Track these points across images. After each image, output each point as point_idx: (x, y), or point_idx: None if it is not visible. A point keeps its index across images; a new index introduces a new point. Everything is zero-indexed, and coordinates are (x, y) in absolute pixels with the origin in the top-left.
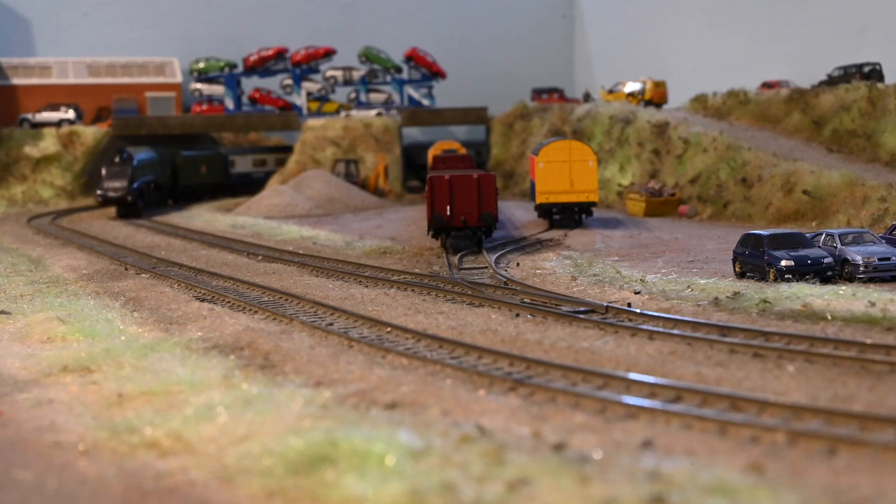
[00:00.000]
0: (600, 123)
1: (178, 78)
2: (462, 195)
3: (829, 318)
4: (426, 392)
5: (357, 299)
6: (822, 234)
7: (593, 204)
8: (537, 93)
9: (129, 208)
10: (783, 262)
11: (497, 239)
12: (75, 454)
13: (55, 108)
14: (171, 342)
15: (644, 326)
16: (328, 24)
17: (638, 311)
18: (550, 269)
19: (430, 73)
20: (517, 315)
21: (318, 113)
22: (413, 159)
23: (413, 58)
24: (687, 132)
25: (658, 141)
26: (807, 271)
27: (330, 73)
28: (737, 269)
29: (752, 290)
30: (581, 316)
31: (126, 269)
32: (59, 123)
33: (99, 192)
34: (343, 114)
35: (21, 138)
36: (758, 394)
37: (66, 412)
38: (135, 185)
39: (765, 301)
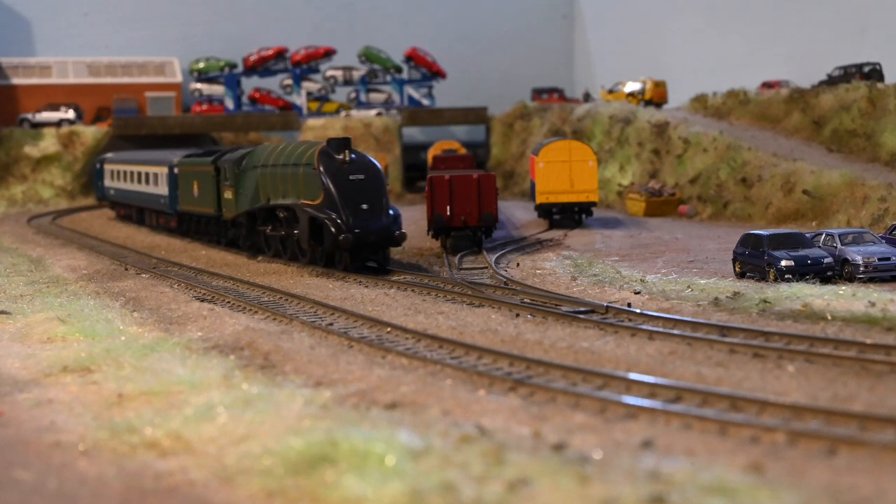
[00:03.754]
0: (600, 123)
1: (178, 78)
2: (462, 195)
3: (829, 318)
4: (426, 392)
5: (357, 299)
6: (822, 234)
7: (593, 204)
8: (537, 93)
9: (376, 253)
10: (783, 262)
11: (497, 239)
12: (75, 454)
13: (55, 108)
14: (171, 342)
15: (644, 326)
16: (328, 24)
17: (638, 311)
18: (550, 269)
19: (430, 73)
20: (517, 315)
21: (318, 113)
22: (413, 159)
23: (413, 58)
24: (687, 132)
25: (658, 141)
26: (807, 271)
27: (330, 73)
28: (737, 269)
29: (752, 290)
30: (581, 316)
31: (126, 269)
32: (59, 123)
33: (335, 227)
34: (343, 114)
35: (21, 138)
36: (758, 394)
37: (66, 412)
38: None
39: (765, 301)
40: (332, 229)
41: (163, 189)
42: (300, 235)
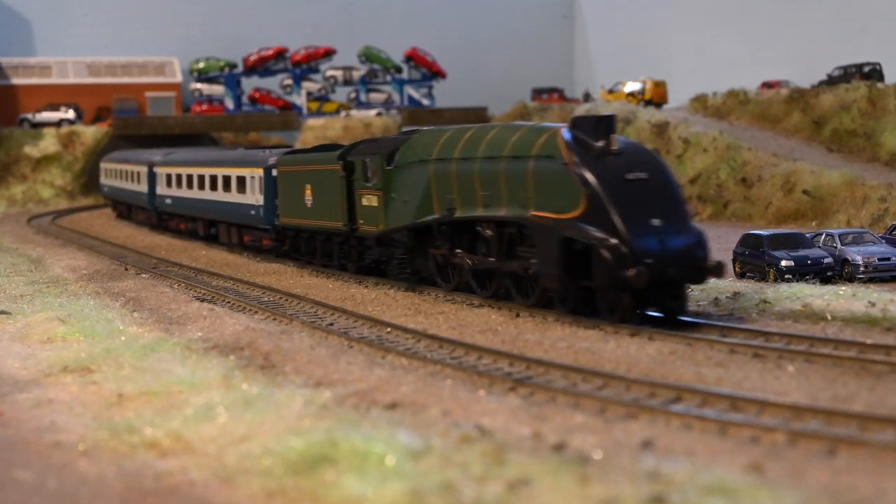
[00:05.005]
0: None
1: (178, 78)
2: None
3: (829, 318)
4: (426, 392)
5: (357, 299)
6: (822, 234)
7: None
8: (537, 93)
9: (676, 294)
10: (783, 263)
11: None
12: (75, 454)
13: (55, 108)
14: (171, 342)
15: (644, 326)
16: (328, 24)
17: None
18: None
19: (430, 73)
20: (517, 315)
21: (318, 113)
22: None
23: (413, 58)
24: (687, 132)
25: (658, 141)
26: (807, 271)
27: (330, 73)
28: (737, 270)
29: (752, 290)
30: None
31: (126, 269)
32: (59, 123)
33: (613, 255)
34: (343, 114)
35: (21, 138)
36: (758, 394)
37: (66, 412)
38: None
39: (765, 301)
40: (609, 258)
41: (254, 197)
42: (542, 266)
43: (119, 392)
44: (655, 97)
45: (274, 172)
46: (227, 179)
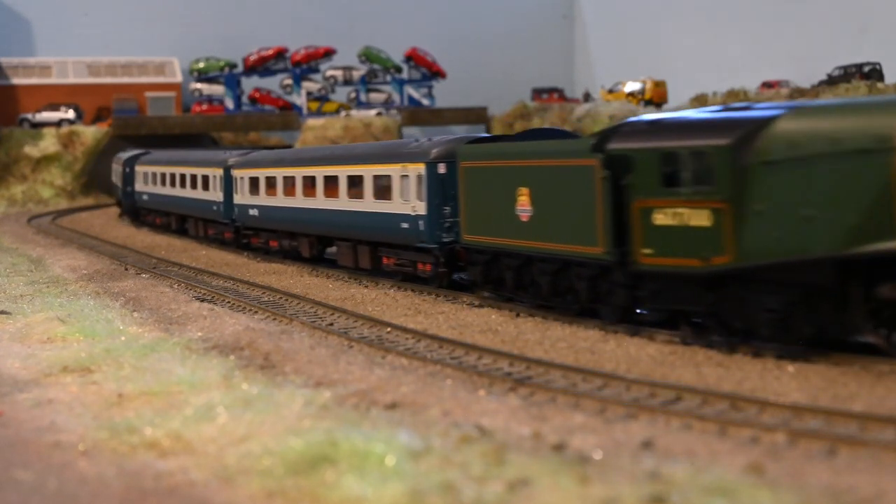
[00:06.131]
0: (600, 123)
1: (178, 78)
2: None
3: None
4: (426, 392)
5: (357, 299)
6: None
7: None
8: (537, 93)
9: None
10: None
11: None
12: (75, 454)
13: (55, 108)
14: (171, 342)
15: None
16: (328, 24)
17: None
18: None
19: (430, 72)
20: (517, 315)
21: (318, 113)
22: None
23: (413, 58)
24: None
25: None
26: None
27: (330, 73)
28: None
29: None
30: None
31: (126, 269)
32: (59, 123)
33: None
34: (343, 113)
35: (21, 138)
36: (758, 394)
37: (66, 412)
38: None
39: None
40: None
41: (406, 204)
42: None
43: (119, 392)
44: (655, 97)
45: (441, 169)
46: (355, 181)
